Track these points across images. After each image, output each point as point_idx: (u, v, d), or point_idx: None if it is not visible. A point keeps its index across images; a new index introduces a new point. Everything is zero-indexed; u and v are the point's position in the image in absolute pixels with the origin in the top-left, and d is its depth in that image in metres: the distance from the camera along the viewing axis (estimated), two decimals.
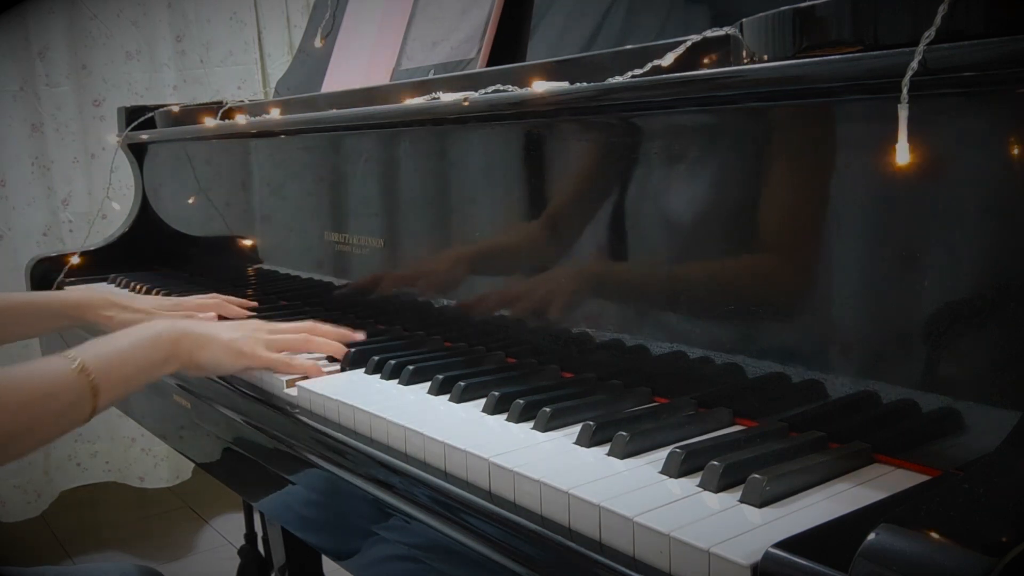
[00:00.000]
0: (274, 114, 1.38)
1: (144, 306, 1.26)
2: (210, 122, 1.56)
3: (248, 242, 1.53)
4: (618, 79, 0.80)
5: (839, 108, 0.67)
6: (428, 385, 0.90)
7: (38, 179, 2.57)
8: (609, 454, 0.70)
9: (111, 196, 1.80)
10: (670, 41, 0.79)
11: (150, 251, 1.82)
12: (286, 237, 1.43)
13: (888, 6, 0.61)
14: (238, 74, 2.78)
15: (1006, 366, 0.59)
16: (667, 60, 0.78)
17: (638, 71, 0.79)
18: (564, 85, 0.86)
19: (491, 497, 0.69)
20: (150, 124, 1.78)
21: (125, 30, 2.64)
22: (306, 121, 1.29)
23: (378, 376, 0.97)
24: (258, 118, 1.42)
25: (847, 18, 0.63)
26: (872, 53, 0.61)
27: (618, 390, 0.84)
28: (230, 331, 1.04)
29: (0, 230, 2.53)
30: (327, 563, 1.76)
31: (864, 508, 0.58)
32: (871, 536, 0.44)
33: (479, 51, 1.18)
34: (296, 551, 1.71)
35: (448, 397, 0.87)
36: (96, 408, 0.88)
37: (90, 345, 0.91)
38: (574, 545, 0.60)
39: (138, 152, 1.85)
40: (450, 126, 1.04)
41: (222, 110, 1.58)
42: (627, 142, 0.84)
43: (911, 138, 0.58)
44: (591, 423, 0.73)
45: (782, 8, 0.67)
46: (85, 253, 1.76)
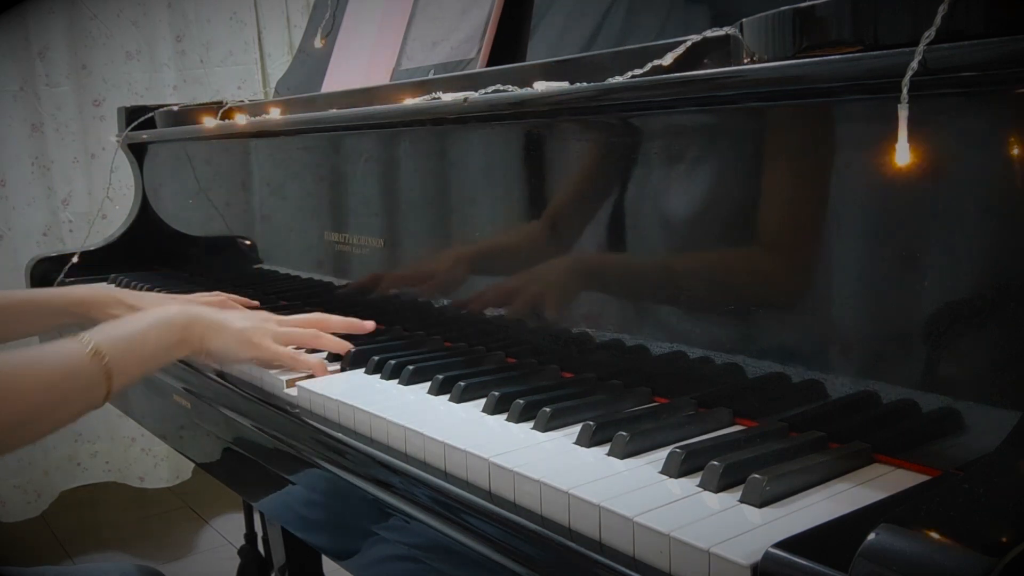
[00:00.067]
0: (274, 114, 1.38)
1: (150, 303, 1.25)
2: (210, 122, 1.56)
3: (248, 242, 1.53)
4: (618, 79, 0.80)
5: (839, 108, 0.67)
6: (428, 385, 0.90)
7: (38, 179, 2.57)
8: (609, 454, 0.70)
9: (111, 196, 1.80)
10: (670, 41, 0.79)
11: (150, 251, 1.82)
12: (286, 237, 1.43)
13: (888, 6, 0.61)
14: (238, 74, 2.78)
15: (1006, 366, 0.59)
16: (667, 60, 0.78)
17: (638, 71, 0.79)
18: (564, 85, 0.86)
19: (491, 497, 0.69)
20: (150, 124, 1.78)
21: (125, 30, 2.64)
22: (306, 121, 1.29)
23: (378, 376, 0.97)
24: (258, 118, 1.42)
25: (847, 18, 0.63)
26: (872, 53, 0.61)
27: (618, 390, 0.84)
28: (241, 320, 1.04)
29: (0, 230, 2.53)
30: (327, 563, 1.76)
31: (864, 508, 0.58)
32: (871, 536, 0.44)
33: (479, 51, 1.18)
34: (296, 551, 1.71)
35: (448, 397, 0.87)
36: (111, 391, 0.88)
37: (102, 329, 0.91)
38: (574, 545, 0.60)
39: (138, 152, 1.85)
40: (450, 126, 1.04)
41: (222, 110, 1.58)
42: (627, 142, 0.84)
43: (911, 138, 0.58)
44: (591, 423, 0.73)
45: (782, 8, 0.67)
46: (85, 253, 1.76)
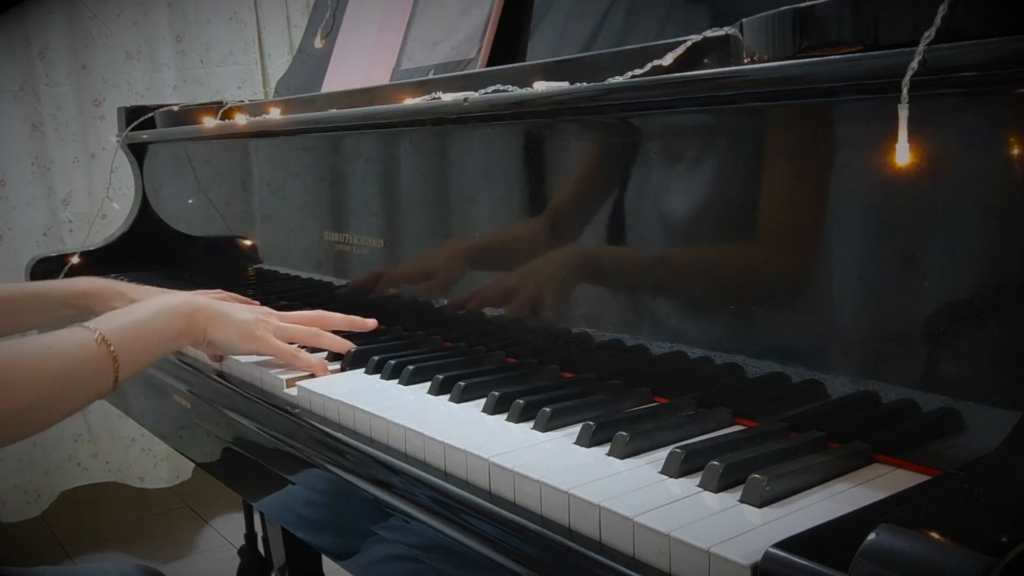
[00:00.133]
0: (274, 114, 1.38)
1: (151, 296, 1.25)
2: (210, 122, 1.56)
3: (248, 242, 1.53)
4: (618, 79, 0.80)
5: (839, 108, 0.67)
6: (428, 385, 0.90)
7: (38, 179, 2.58)
8: (609, 454, 0.70)
9: (111, 196, 1.80)
10: (670, 41, 0.79)
11: (150, 251, 1.82)
12: (286, 237, 1.43)
13: (888, 6, 0.61)
14: (238, 74, 2.78)
15: (1006, 366, 0.59)
16: (667, 60, 0.78)
17: (638, 71, 0.79)
18: (564, 85, 0.86)
19: (491, 497, 0.69)
20: (150, 124, 1.78)
21: (125, 30, 2.64)
22: (306, 121, 1.29)
23: (378, 376, 0.97)
24: (258, 118, 1.42)
25: (847, 18, 0.63)
26: (872, 53, 0.61)
27: (618, 390, 0.84)
28: (244, 312, 1.04)
29: (0, 230, 2.53)
30: (327, 563, 1.76)
31: (864, 508, 0.58)
32: (871, 536, 0.44)
33: (479, 51, 1.18)
34: (296, 551, 1.71)
35: (448, 397, 0.87)
36: (118, 379, 0.88)
37: (107, 318, 0.91)
38: (574, 545, 0.60)
39: (138, 152, 1.85)
40: (450, 126, 1.04)
41: (222, 110, 1.58)
42: (627, 142, 0.84)
43: (911, 138, 0.58)
44: (591, 423, 0.73)
45: (782, 8, 0.67)
46: (85, 253, 1.76)
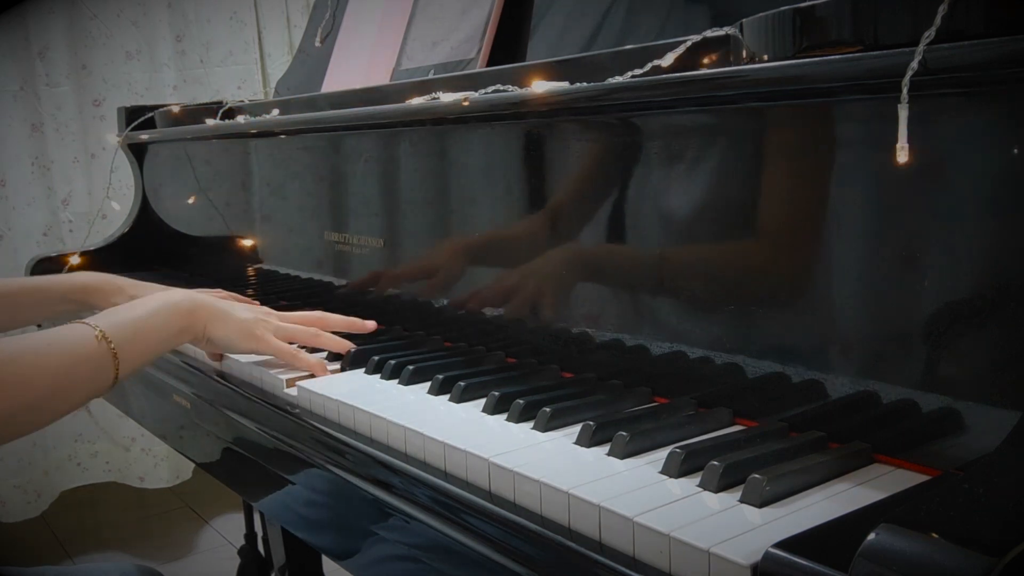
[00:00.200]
0: (274, 114, 1.38)
1: (151, 292, 1.25)
2: (210, 122, 1.56)
3: (248, 242, 1.53)
4: (618, 79, 0.80)
5: (839, 108, 0.67)
6: (428, 385, 0.90)
7: (38, 179, 2.58)
8: (609, 454, 0.70)
9: (111, 196, 1.80)
10: (670, 41, 0.79)
11: (150, 251, 1.82)
12: (286, 237, 1.43)
13: (888, 6, 0.61)
14: (238, 74, 2.78)
15: (1006, 366, 0.59)
16: (667, 60, 0.78)
17: (638, 71, 0.79)
18: (564, 85, 0.86)
19: (491, 497, 0.69)
20: (150, 124, 1.78)
21: (125, 30, 2.64)
22: (306, 121, 1.29)
23: (378, 376, 0.97)
24: (258, 118, 1.42)
25: (847, 18, 0.63)
26: (872, 53, 0.61)
27: (618, 390, 0.84)
28: (244, 311, 1.04)
29: (0, 230, 2.53)
30: (327, 563, 1.76)
31: (864, 508, 0.58)
32: (871, 536, 0.44)
33: (479, 51, 1.18)
34: (296, 551, 1.71)
35: (448, 397, 0.87)
36: (118, 376, 0.88)
37: (107, 314, 0.91)
38: (574, 545, 0.60)
39: (138, 152, 1.85)
40: (450, 126, 1.04)
41: (222, 110, 1.58)
42: (627, 142, 0.84)
43: (911, 138, 0.58)
44: (591, 423, 0.73)
45: (782, 8, 0.67)
46: (85, 253, 1.75)
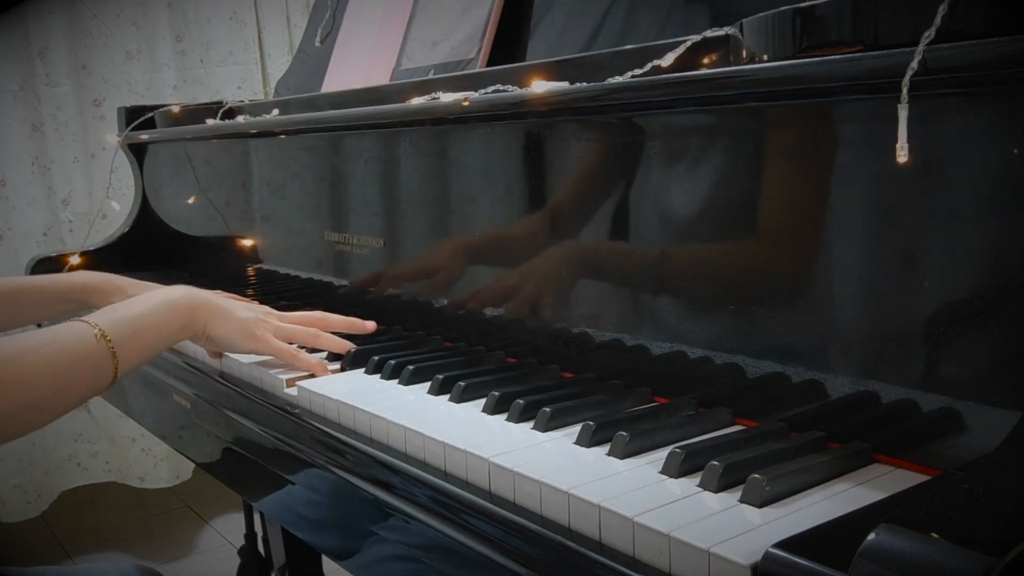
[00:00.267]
0: (274, 114, 1.38)
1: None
2: (210, 122, 1.56)
3: (248, 242, 1.53)
4: (618, 79, 0.80)
5: (839, 108, 0.67)
6: (428, 385, 0.90)
7: (38, 179, 2.58)
8: (609, 454, 0.70)
9: (111, 196, 1.80)
10: (670, 41, 0.79)
11: (150, 251, 1.82)
12: (286, 237, 1.43)
13: (888, 6, 0.61)
14: (238, 74, 2.78)
15: (1006, 366, 0.59)
16: (667, 60, 0.78)
17: (638, 71, 0.79)
18: (564, 85, 0.86)
19: (491, 497, 0.69)
20: (150, 124, 1.78)
21: (125, 30, 2.64)
22: (306, 121, 1.29)
23: (378, 376, 0.97)
24: (258, 118, 1.42)
25: (847, 18, 0.63)
26: (872, 53, 0.61)
27: (618, 390, 0.84)
28: (244, 310, 1.03)
29: (0, 230, 2.53)
30: (327, 563, 1.76)
31: (864, 508, 0.58)
32: (871, 536, 0.44)
33: (479, 51, 1.18)
34: (296, 551, 1.71)
35: (448, 397, 0.87)
36: (118, 374, 0.87)
37: (106, 312, 0.90)
38: (574, 545, 0.60)
39: (138, 152, 1.85)
40: (450, 126, 1.04)
41: (222, 110, 1.58)
42: (627, 142, 0.84)
43: (911, 138, 0.58)
44: (591, 423, 0.73)
45: (782, 8, 0.67)
46: (85, 253, 1.75)
